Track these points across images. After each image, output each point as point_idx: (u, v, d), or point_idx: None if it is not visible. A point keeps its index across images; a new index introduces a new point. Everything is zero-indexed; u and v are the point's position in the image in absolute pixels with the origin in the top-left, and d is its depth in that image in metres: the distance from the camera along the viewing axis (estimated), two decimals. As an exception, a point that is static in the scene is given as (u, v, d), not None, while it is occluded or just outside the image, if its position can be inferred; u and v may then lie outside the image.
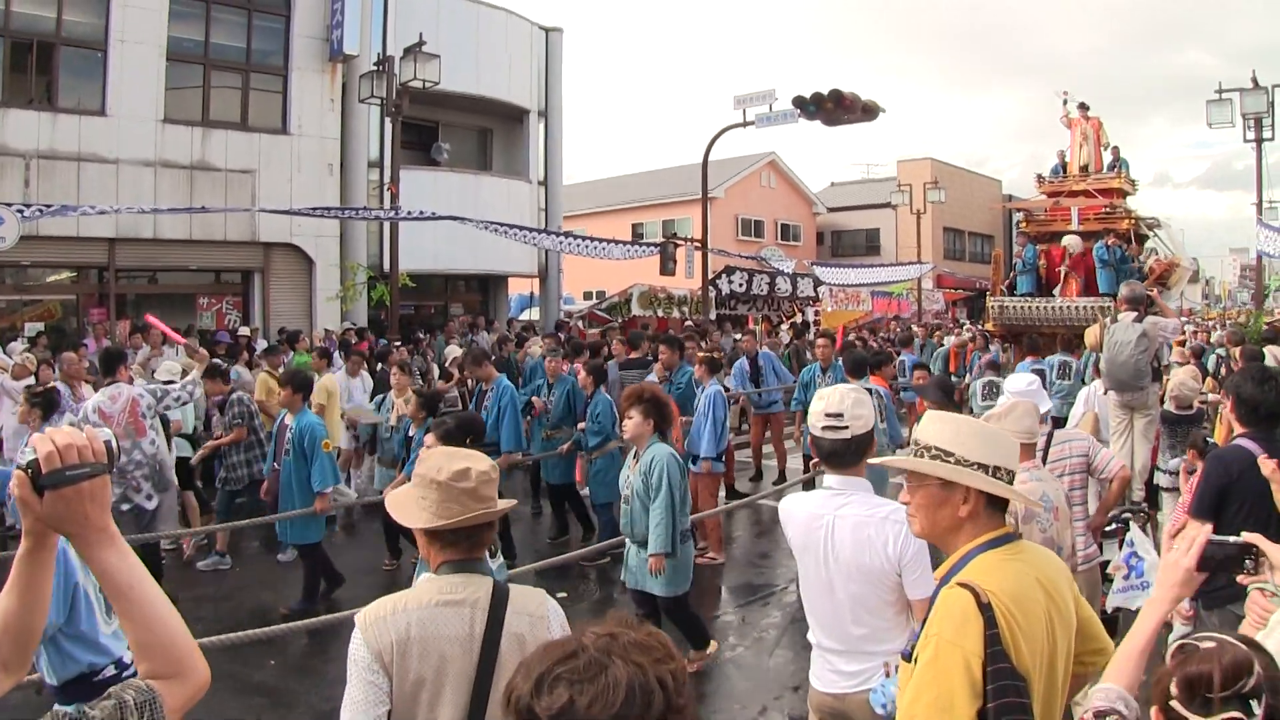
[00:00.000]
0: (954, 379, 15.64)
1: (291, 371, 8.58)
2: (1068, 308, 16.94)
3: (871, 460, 2.81)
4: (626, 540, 6.14)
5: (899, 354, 16.83)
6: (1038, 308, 17.50)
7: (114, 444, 1.69)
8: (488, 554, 2.98)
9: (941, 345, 19.79)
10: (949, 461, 2.45)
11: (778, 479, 13.16)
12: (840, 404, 3.50)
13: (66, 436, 1.62)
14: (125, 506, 7.94)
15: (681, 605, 6.09)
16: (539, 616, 2.71)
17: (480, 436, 5.82)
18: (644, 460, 5.83)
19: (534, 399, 10.82)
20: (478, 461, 2.74)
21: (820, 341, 12.28)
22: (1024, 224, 19.53)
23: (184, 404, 9.17)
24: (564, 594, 7.87)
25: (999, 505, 2.49)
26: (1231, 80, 21.11)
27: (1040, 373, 12.66)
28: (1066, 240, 17.63)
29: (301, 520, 8.01)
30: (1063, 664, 2.39)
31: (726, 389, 11.30)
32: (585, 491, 9.95)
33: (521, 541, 9.81)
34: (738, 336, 17.73)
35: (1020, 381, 5.69)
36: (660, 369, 11.12)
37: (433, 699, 2.56)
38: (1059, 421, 8.86)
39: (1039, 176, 19.84)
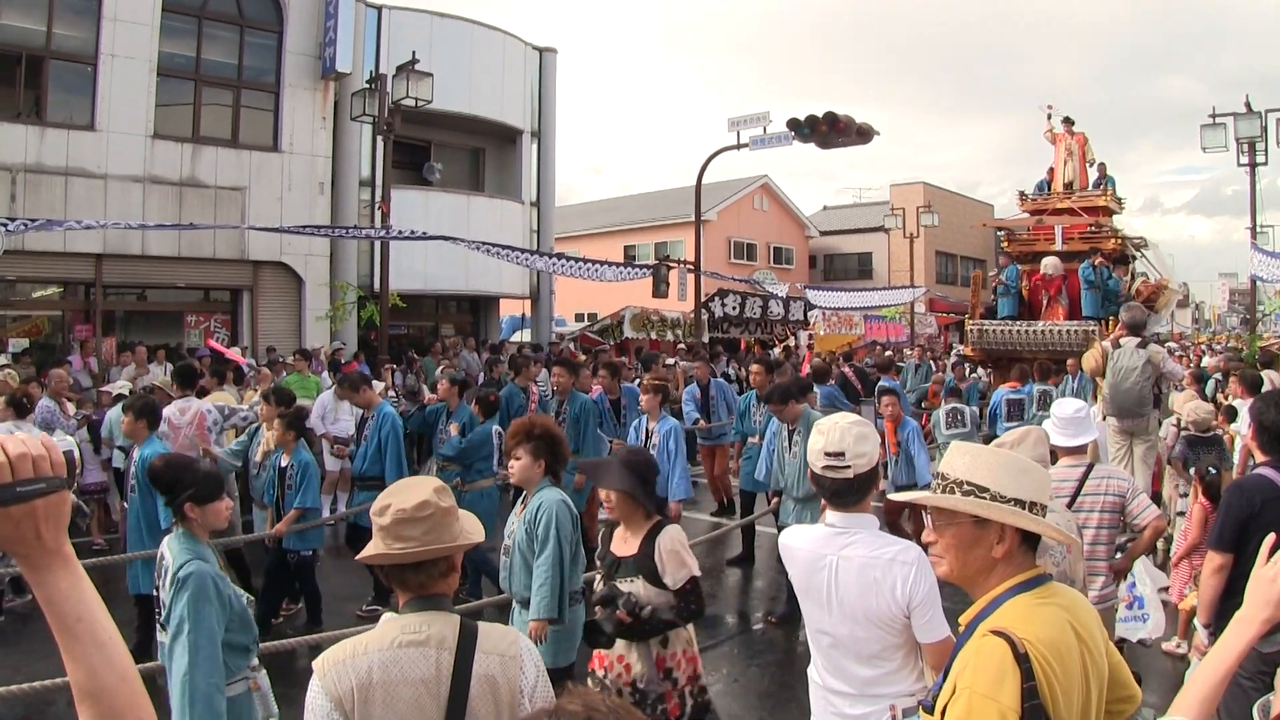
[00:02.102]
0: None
1: (133, 397, 7.81)
2: (1051, 331, 16.42)
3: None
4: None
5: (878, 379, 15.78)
6: (1019, 332, 16.90)
7: (76, 455, 1.45)
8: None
9: (939, 369, 19.33)
10: (983, 498, 2.26)
11: (716, 511, 12.57)
12: (841, 442, 3.29)
13: (20, 445, 1.36)
14: None
15: (559, 682, 4.94)
16: (510, 656, 2.54)
17: (177, 487, 4.21)
18: (530, 507, 4.84)
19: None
20: (404, 497, 2.56)
21: (754, 368, 11.10)
22: (1006, 243, 18.87)
23: (250, 424, 9.12)
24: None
25: (1031, 544, 2.30)
26: (1217, 106, 20.80)
27: (1018, 402, 12.26)
28: (1045, 261, 17.17)
29: (148, 565, 6.65)
30: (1095, 714, 2.21)
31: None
32: None
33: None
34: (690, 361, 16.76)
35: (1068, 407, 5.45)
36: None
37: None
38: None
39: (1021, 194, 19.22)
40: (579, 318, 34.19)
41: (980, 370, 19.17)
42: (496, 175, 25.08)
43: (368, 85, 17.45)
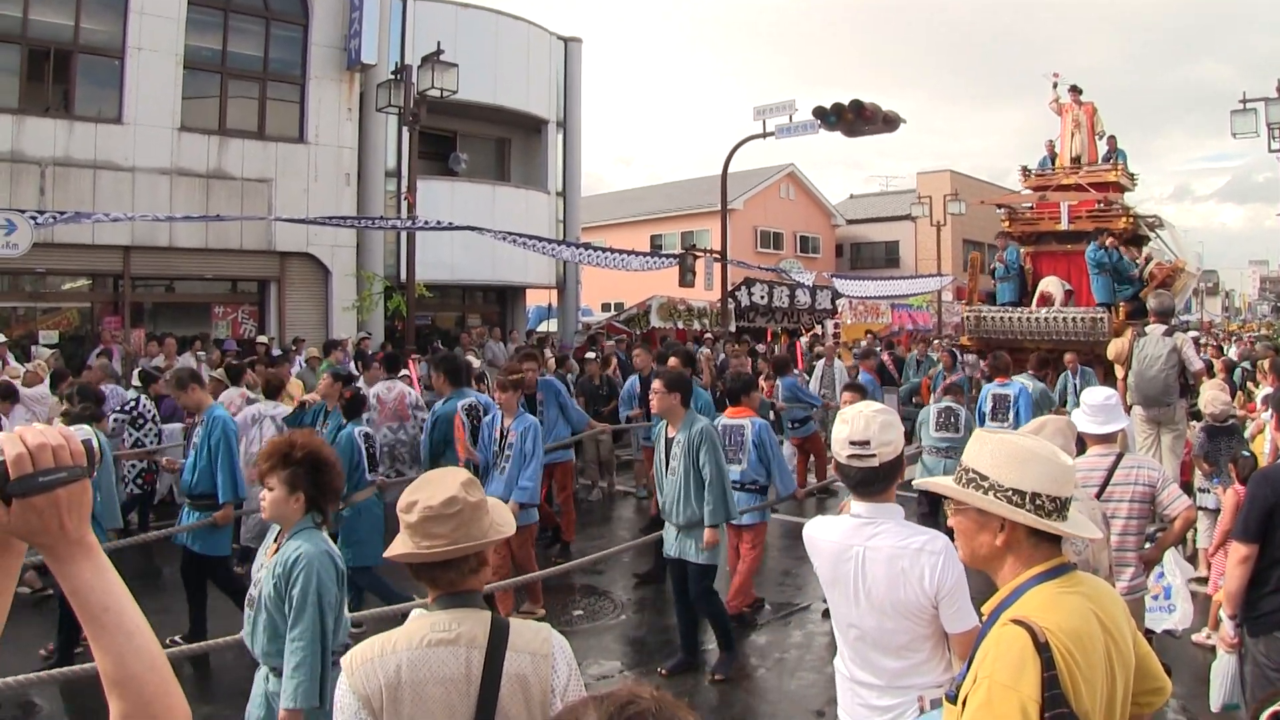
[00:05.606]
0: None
1: None
2: (1055, 319, 15.20)
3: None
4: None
5: (857, 370, 14.60)
6: (1020, 319, 15.67)
7: (95, 444, 1.45)
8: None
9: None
10: (983, 486, 2.27)
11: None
12: (866, 430, 3.23)
13: (39, 435, 1.36)
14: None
15: None
16: (542, 655, 2.47)
17: None
18: (283, 554, 3.74)
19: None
20: (431, 493, 2.50)
21: (636, 352, 9.75)
22: (1006, 223, 17.45)
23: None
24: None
25: (1049, 533, 2.29)
26: (1247, 91, 20.14)
27: (1004, 397, 10.76)
28: (1045, 284, 16.08)
29: None
30: (1120, 705, 2.19)
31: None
32: None
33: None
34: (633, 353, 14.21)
35: (1099, 394, 5.38)
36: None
37: None
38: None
39: (1024, 169, 18.00)
40: (605, 308, 34.20)
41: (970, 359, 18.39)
42: (522, 165, 25.03)
43: (393, 76, 17.51)
